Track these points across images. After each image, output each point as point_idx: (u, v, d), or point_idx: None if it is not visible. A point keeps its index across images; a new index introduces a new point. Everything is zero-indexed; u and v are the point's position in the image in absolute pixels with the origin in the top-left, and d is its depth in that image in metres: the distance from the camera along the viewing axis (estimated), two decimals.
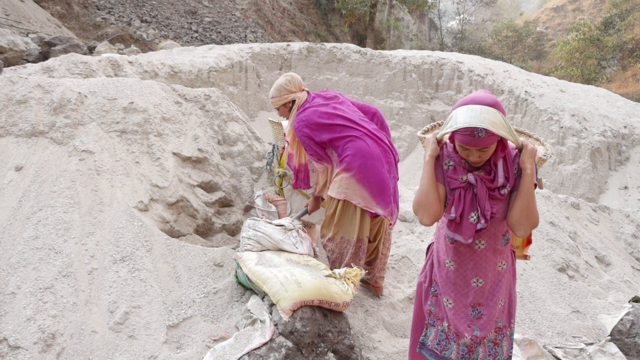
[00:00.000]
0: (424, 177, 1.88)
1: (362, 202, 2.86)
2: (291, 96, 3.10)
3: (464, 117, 1.69)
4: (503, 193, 1.84)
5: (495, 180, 1.83)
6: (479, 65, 10.09)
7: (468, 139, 1.71)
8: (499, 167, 1.83)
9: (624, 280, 3.87)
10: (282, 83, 3.11)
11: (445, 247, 2.01)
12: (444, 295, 2.01)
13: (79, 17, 13.14)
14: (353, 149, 2.88)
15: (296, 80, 3.13)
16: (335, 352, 2.39)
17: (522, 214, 1.79)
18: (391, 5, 24.33)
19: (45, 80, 3.60)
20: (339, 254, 2.99)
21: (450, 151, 1.92)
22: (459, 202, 1.86)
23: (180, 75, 7.87)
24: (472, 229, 1.85)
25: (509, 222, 1.84)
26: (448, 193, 1.91)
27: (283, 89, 3.11)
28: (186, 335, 2.57)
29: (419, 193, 1.88)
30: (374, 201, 2.88)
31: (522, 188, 1.80)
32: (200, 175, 3.77)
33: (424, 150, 2.25)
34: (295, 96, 3.11)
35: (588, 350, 2.92)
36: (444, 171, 1.91)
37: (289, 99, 3.11)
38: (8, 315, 2.39)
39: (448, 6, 35.18)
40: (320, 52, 10.15)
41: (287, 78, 3.12)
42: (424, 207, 1.86)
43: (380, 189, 2.89)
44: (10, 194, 2.93)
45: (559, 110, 8.09)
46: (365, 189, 2.86)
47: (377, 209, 2.88)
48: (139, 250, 2.86)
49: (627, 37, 19.91)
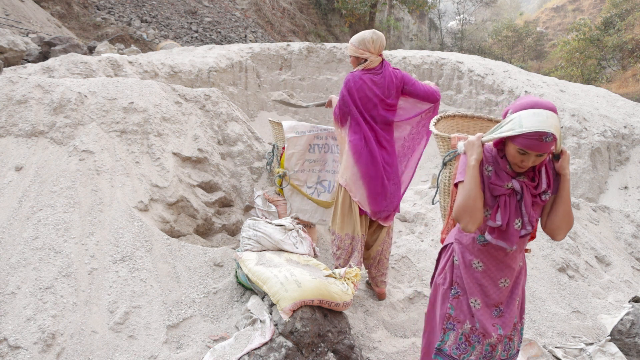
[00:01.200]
0: (470, 182, 1.80)
1: (357, 197, 2.99)
2: (366, 55, 2.99)
3: (532, 121, 1.65)
4: (545, 199, 1.84)
5: (539, 186, 1.83)
6: (479, 65, 10.08)
7: (534, 143, 1.67)
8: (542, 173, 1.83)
9: (624, 280, 3.87)
10: (366, 39, 2.98)
11: (472, 248, 1.98)
12: (471, 297, 1.98)
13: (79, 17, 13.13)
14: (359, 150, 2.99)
15: (378, 43, 2.99)
16: (335, 352, 2.39)
17: (564, 219, 1.82)
18: (391, 5, 24.32)
19: (45, 80, 3.60)
20: (344, 249, 3.08)
21: (491, 156, 1.87)
22: (504, 209, 1.83)
23: (180, 75, 7.87)
24: (517, 235, 1.85)
25: (549, 226, 1.86)
26: (489, 199, 1.87)
27: (363, 45, 2.99)
28: (186, 335, 2.56)
29: (464, 199, 1.80)
30: (368, 200, 3.00)
31: (563, 193, 1.82)
32: (200, 175, 3.77)
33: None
34: (369, 56, 2.99)
35: (588, 350, 2.92)
36: (485, 177, 1.87)
37: (362, 56, 3.01)
38: (8, 315, 2.39)
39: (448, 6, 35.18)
40: (320, 52, 10.15)
41: (373, 37, 2.98)
42: (470, 214, 1.79)
43: (377, 192, 2.99)
44: (10, 194, 2.93)
45: (559, 110, 8.09)
46: (365, 187, 2.99)
47: (367, 208, 3.02)
48: (139, 250, 2.86)
49: (627, 37, 19.90)
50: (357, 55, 3.02)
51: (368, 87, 2.96)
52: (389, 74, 3.02)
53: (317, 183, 3.59)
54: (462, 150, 1.89)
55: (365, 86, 2.95)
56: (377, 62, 3.01)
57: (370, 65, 2.99)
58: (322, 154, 3.58)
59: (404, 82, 3.06)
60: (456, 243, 2.06)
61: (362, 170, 2.98)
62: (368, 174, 2.98)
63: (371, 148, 2.97)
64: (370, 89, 2.96)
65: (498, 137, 1.77)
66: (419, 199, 5.00)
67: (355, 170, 3.00)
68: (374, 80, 2.97)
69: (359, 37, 3.01)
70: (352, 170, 3.00)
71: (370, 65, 2.99)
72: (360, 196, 3.01)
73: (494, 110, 9.46)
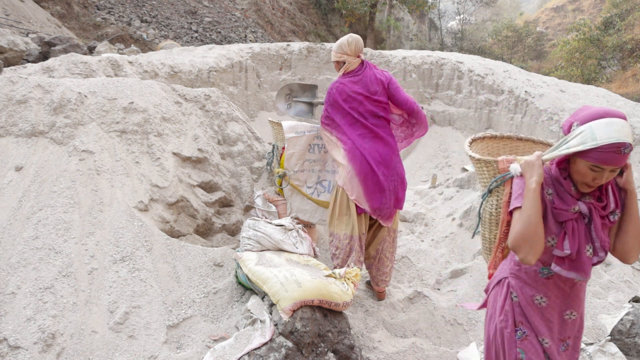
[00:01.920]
0: (530, 207, 1.60)
1: (354, 195, 3.04)
2: (344, 57, 3.13)
3: (607, 131, 1.48)
4: (613, 219, 1.66)
5: (607, 207, 1.64)
6: (479, 65, 10.09)
7: (611, 156, 1.49)
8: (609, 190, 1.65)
9: (624, 280, 3.87)
10: (343, 42, 3.14)
11: (534, 282, 1.77)
12: (540, 335, 1.78)
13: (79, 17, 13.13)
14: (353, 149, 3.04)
15: (354, 45, 3.12)
16: (335, 352, 2.39)
17: (637, 239, 1.63)
18: (391, 5, 24.32)
19: (45, 80, 3.60)
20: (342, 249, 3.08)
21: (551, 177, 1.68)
22: (573, 236, 1.63)
23: (180, 75, 7.87)
24: (589, 264, 1.65)
25: (620, 249, 1.66)
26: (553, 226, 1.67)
27: (341, 48, 3.14)
28: (186, 335, 2.56)
29: (524, 227, 1.60)
30: (365, 197, 3.04)
31: (632, 211, 1.63)
32: (200, 175, 3.77)
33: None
34: (347, 59, 3.13)
35: (588, 350, 2.92)
36: (547, 202, 1.67)
37: (341, 60, 3.15)
38: (8, 315, 2.39)
39: (448, 6, 35.18)
40: (320, 52, 10.15)
41: (349, 40, 3.13)
42: (531, 244, 1.58)
43: (374, 189, 2.99)
44: (10, 194, 2.93)
45: (559, 110, 8.09)
46: (361, 185, 3.03)
47: (365, 205, 3.05)
48: (139, 250, 2.86)
49: (627, 37, 19.90)
50: (337, 60, 3.17)
51: (349, 87, 3.08)
52: (372, 73, 3.13)
53: (317, 183, 3.59)
54: (517, 172, 1.71)
55: (346, 88, 3.08)
56: (356, 63, 3.13)
57: (349, 67, 3.13)
58: (322, 154, 3.58)
59: (389, 82, 3.16)
60: (512, 277, 1.83)
61: (357, 168, 3.02)
62: (362, 171, 3.02)
63: (363, 145, 3.02)
64: (351, 89, 3.07)
65: (565, 153, 1.57)
66: (419, 199, 5.00)
67: (349, 168, 3.05)
68: (353, 80, 3.10)
69: (337, 42, 3.17)
70: (347, 169, 3.06)
71: (349, 67, 3.13)
72: (357, 194, 3.04)
73: (494, 110, 9.46)
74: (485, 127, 9.67)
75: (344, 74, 3.14)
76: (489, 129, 9.65)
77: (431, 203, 4.78)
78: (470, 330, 3.04)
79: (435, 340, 2.97)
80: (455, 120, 10.06)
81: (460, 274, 3.50)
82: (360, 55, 3.14)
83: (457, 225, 4.06)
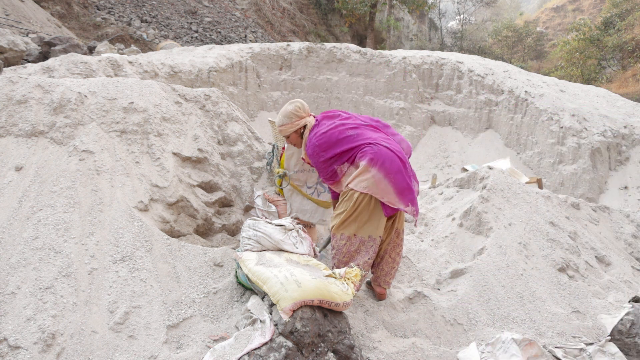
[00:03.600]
0: None
1: (385, 197, 2.85)
2: (302, 122, 3.10)
3: None
4: None
5: None
6: (479, 65, 10.09)
7: None
8: None
9: (624, 280, 3.87)
10: (291, 110, 3.10)
11: None
12: None
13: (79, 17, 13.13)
14: (373, 150, 2.91)
15: (305, 106, 3.15)
16: (335, 352, 2.39)
17: None
18: (391, 5, 24.32)
19: (45, 80, 3.60)
20: (349, 252, 2.96)
21: None
22: None
23: (180, 75, 7.87)
24: None
25: None
26: None
27: (294, 116, 3.10)
28: (186, 335, 2.57)
29: None
30: (398, 197, 2.88)
31: None
32: (200, 175, 3.77)
33: None
34: (305, 121, 3.11)
35: (588, 350, 2.92)
36: None
37: (300, 125, 3.11)
38: (8, 315, 2.39)
39: (448, 6, 35.18)
40: (320, 52, 10.15)
41: (297, 105, 3.11)
42: None
43: (403, 187, 2.90)
44: (10, 194, 2.93)
45: (559, 110, 8.09)
46: (391, 185, 2.86)
47: (400, 204, 2.89)
48: (139, 250, 2.86)
49: (627, 37, 19.90)
50: (296, 128, 3.13)
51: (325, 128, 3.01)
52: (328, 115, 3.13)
53: (317, 183, 3.59)
54: None
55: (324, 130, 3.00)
56: (312, 120, 3.12)
57: (310, 126, 3.09)
58: None
59: None
60: None
61: (385, 169, 2.86)
62: (392, 171, 2.87)
63: (385, 146, 2.92)
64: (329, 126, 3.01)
65: None
66: (418, 199, 5.00)
67: (374, 172, 2.85)
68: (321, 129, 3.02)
69: (285, 114, 3.13)
70: (371, 173, 2.85)
71: (310, 126, 3.09)
72: (389, 195, 2.86)
73: (494, 110, 9.46)
74: (485, 127, 9.67)
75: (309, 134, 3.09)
76: (489, 129, 9.65)
77: (431, 203, 4.79)
78: (470, 330, 3.04)
79: (435, 340, 2.97)
80: (455, 120, 10.06)
81: (460, 274, 3.50)
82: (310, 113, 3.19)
83: (457, 225, 4.06)
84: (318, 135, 3.01)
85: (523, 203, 4.16)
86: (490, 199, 4.08)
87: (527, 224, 3.93)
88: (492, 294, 3.27)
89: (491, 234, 3.79)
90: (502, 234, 3.77)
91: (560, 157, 7.83)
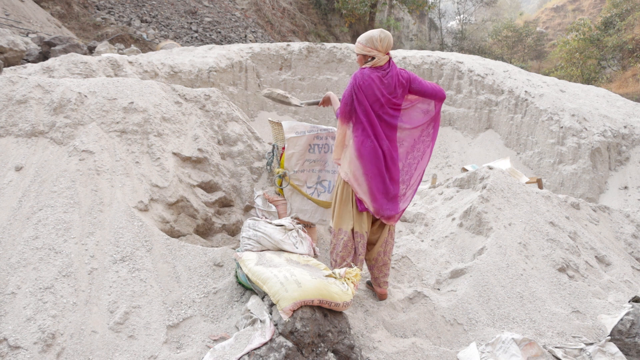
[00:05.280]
0: None
1: (360, 193, 3.01)
2: (373, 52, 3.00)
3: None
4: None
5: None
6: (479, 65, 10.08)
7: None
8: None
9: (624, 280, 3.87)
10: (374, 37, 2.98)
11: None
12: None
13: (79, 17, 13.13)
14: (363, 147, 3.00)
15: (386, 42, 3.00)
16: (335, 352, 2.39)
17: None
18: (391, 5, 24.32)
19: (45, 80, 3.60)
20: (334, 244, 3.11)
21: None
22: None
23: (180, 75, 7.87)
24: None
25: None
26: None
27: (371, 43, 2.99)
28: (186, 335, 2.57)
29: None
30: (370, 197, 3.01)
31: None
32: (200, 175, 3.77)
33: None
34: (376, 54, 3.00)
35: (588, 350, 2.92)
36: None
37: (370, 54, 3.01)
38: (8, 315, 2.39)
39: (448, 6, 35.17)
40: (320, 52, 10.15)
41: (381, 36, 2.99)
42: None
43: (379, 189, 2.99)
44: (10, 194, 2.93)
45: (559, 110, 8.09)
46: (367, 184, 3.00)
47: (370, 205, 3.03)
48: (139, 250, 2.86)
49: (627, 37, 19.90)
50: (364, 53, 3.01)
51: (376, 85, 2.95)
52: (396, 73, 3.02)
53: (317, 183, 3.59)
54: None
55: (373, 84, 2.95)
56: (384, 60, 3.00)
57: (377, 63, 2.99)
58: (322, 154, 3.58)
59: (410, 81, 3.06)
60: None
61: (365, 166, 2.98)
62: (371, 170, 2.98)
63: (375, 146, 2.96)
64: (378, 88, 2.95)
65: None
66: (419, 199, 5.00)
67: (358, 165, 2.98)
68: (381, 79, 2.97)
69: (367, 35, 3.01)
70: (355, 165, 2.99)
71: (377, 63, 2.99)
72: (363, 192, 3.01)
73: (494, 110, 9.46)
74: (485, 127, 9.67)
75: (371, 67, 2.99)
76: (489, 129, 9.65)
77: (431, 203, 4.78)
78: (470, 330, 3.04)
79: (435, 340, 2.97)
80: (455, 120, 10.06)
81: (460, 274, 3.50)
82: (389, 52, 3.05)
83: (457, 225, 4.06)
84: (365, 77, 2.96)
85: (523, 203, 4.16)
86: (490, 199, 4.08)
87: (527, 224, 3.93)
88: (492, 294, 3.27)
89: (491, 234, 3.78)
90: (502, 234, 3.77)
91: (560, 157, 7.83)
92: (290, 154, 3.50)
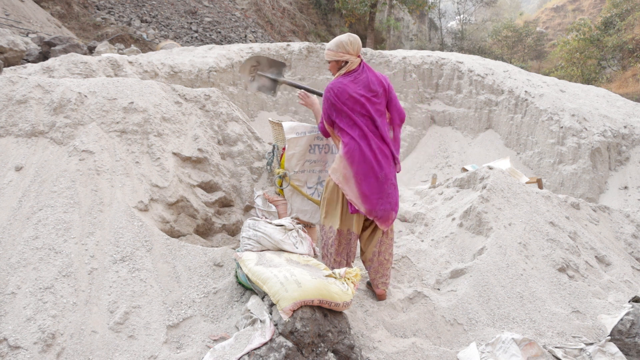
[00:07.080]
0: None
1: (349, 195, 3.03)
2: (346, 57, 3.07)
3: None
4: None
5: None
6: (479, 65, 10.09)
7: None
8: None
9: (624, 280, 3.87)
10: (344, 40, 3.06)
11: None
12: None
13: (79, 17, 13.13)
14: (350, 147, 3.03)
15: (356, 45, 3.08)
16: (335, 352, 2.39)
17: None
18: (391, 5, 24.32)
19: (45, 80, 3.60)
20: (324, 243, 3.15)
21: None
22: None
23: (180, 75, 7.87)
24: None
25: None
26: None
27: (342, 47, 3.06)
28: (186, 335, 2.57)
29: None
30: (361, 199, 3.03)
31: None
32: (200, 175, 3.77)
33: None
34: (349, 58, 3.07)
35: (588, 350, 2.92)
36: None
37: (342, 59, 3.08)
38: (8, 315, 2.39)
39: (448, 6, 35.18)
40: (320, 52, 10.15)
41: (350, 39, 3.07)
42: None
43: (370, 191, 3.03)
44: (10, 194, 2.93)
45: (559, 110, 8.09)
46: (356, 187, 3.03)
47: (361, 207, 3.04)
48: (139, 250, 2.86)
49: (627, 37, 19.91)
50: (337, 59, 3.10)
51: (351, 88, 3.02)
52: (372, 74, 3.11)
53: (317, 183, 3.59)
54: None
55: (347, 88, 3.02)
56: (356, 63, 3.08)
57: (350, 67, 3.07)
58: (323, 155, 3.58)
59: (389, 85, 3.17)
60: None
61: (354, 169, 3.02)
62: (360, 173, 3.02)
63: (362, 148, 3.00)
64: (352, 89, 3.02)
65: None
66: (419, 199, 5.00)
67: (347, 171, 3.03)
68: (354, 81, 3.05)
69: (336, 41, 3.10)
70: (342, 172, 3.04)
71: (350, 67, 3.07)
72: (353, 195, 3.04)
73: (494, 110, 9.46)
74: (485, 127, 9.67)
75: (344, 74, 3.08)
76: (489, 129, 9.65)
77: (431, 203, 4.78)
78: (470, 330, 3.04)
79: (435, 340, 2.97)
80: (455, 120, 10.07)
81: (460, 274, 3.50)
82: (360, 54, 3.12)
83: (457, 225, 4.06)
84: (337, 84, 3.04)
85: (523, 203, 4.16)
86: (490, 199, 4.08)
87: (527, 224, 3.93)
88: (492, 294, 3.27)
89: (491, 234, 3.79)
90: (502, 234, 3.77)
91: (560, 157, 7.83)
92: (291, 155, 3.50)
